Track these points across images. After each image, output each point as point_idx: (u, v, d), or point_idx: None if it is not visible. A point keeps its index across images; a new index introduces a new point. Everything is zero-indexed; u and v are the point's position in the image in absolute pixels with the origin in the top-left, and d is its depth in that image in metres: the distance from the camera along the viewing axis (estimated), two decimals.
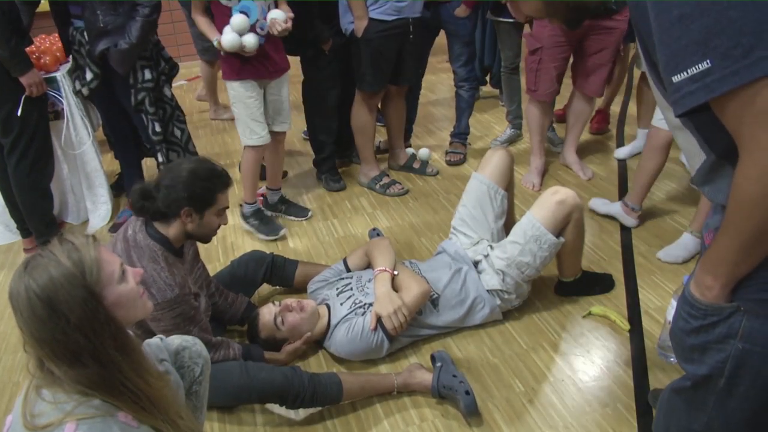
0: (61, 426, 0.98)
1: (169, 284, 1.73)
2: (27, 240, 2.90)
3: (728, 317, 0.95)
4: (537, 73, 3.04)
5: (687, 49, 0.79)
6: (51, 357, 1.00)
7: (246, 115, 2.67)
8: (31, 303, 0.98)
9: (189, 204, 1.75)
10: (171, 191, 1.73)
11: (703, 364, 1.01)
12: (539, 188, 3.24)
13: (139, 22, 2.52)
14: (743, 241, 0.87)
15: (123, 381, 1.04)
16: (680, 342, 1.05)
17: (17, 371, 2.15)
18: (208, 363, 1.45)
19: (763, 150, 0.78)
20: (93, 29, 2.56)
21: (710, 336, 0.98)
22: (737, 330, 0.94)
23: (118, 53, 2.56)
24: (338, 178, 3.39)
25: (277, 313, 2.02)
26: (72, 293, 0.99)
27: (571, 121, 3.32)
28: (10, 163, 2.64)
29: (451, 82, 3.75)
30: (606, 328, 2.19)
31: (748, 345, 0.94)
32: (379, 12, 2.85)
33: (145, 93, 2.69)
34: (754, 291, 0.92)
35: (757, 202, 0.82)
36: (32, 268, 1.00)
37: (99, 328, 1.02)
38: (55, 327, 0.98)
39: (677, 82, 0.81)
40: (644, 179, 2.70)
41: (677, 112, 0.85)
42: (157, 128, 2.77)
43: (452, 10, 3.22)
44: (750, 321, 0.93)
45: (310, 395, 1.79)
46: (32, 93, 2.52)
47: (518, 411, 1.85)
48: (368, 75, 3.02)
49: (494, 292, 2.15)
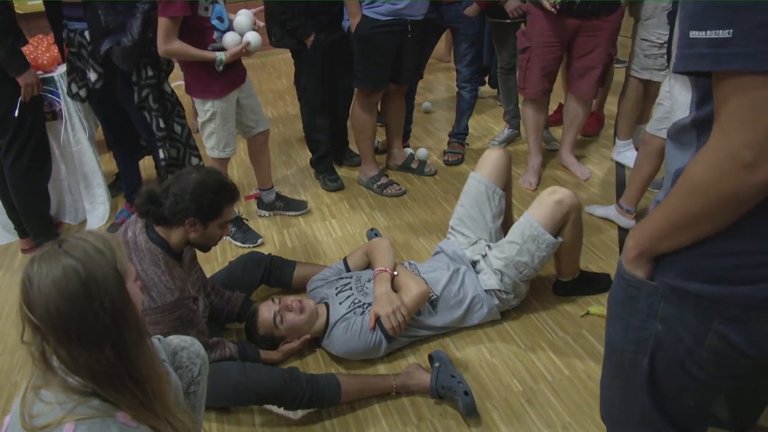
0: (60, 426, 0.97)
1: (170, 288, 1.73)
2: (24, 240, 2.90)
3: (648, 296, 0.95)
4: (525, 71, 3.08)
5: (716, 10, 0.75)
6: (69, 338, 0.98)
7: (224, 129, 2.62)
8: (67, 278, 0.97)
9: (195, 215, 1.75)
10: (178, 200, 1.73)
11: (628, 340, 1.03)
12: (536, 187, 3.25)
13: (139, 18, 2.50)
14: (673, 219, 0.87)
15: (131, 374, 1.04)
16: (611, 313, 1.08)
17: (15, 372, 2.15)
18: (206, 363, 1.45)
19: (728, 141, 0.77)
20: (96, 29, 2.55)
21: (634, 311, 0.99)
22: (656, 310, 0.95)
23: (121, 51, 2.55)
24: (335, 177, 3.38)
25: (277, 312, 2.02)
26: (108, 275, 1.00)
27: (566, 123, 3.33)
28: (6, 163, 2.64)
29: (449, 83, 3.76)
30: (604, 328, 2.19)
31: (665, 327, 0.95)
32: (374, 11, 2.85)
33: (148, 90, 2.68)
34: (671, 276, 0.92)
35: (701, 189, 0.81)
36: (70, 246, 1.00)
37: (128, 315, 1.03)
38: (87, 306, 0.98)
39: (693, 37, 0.78)
40: (638, 183, 2.70)
41: (678, 68, 0.82)
42: (161, 124, 2.76)
43: (461, 9, 3.23)
44: (667, 305, 0.94)
45: (308, 397, 1.79)
46: (29, 93, 2.51)
47: (516, 411, 1.85)
48: (360, 71, 3.03)
49: (492, 292, 2.16)
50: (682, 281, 0.91)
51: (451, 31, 3.42)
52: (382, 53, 2.96)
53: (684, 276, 0.90)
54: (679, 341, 0.94)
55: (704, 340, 0.91)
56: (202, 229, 1.79)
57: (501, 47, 3.58)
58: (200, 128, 2.66)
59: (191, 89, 2.58)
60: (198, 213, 1.75)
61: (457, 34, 3.38)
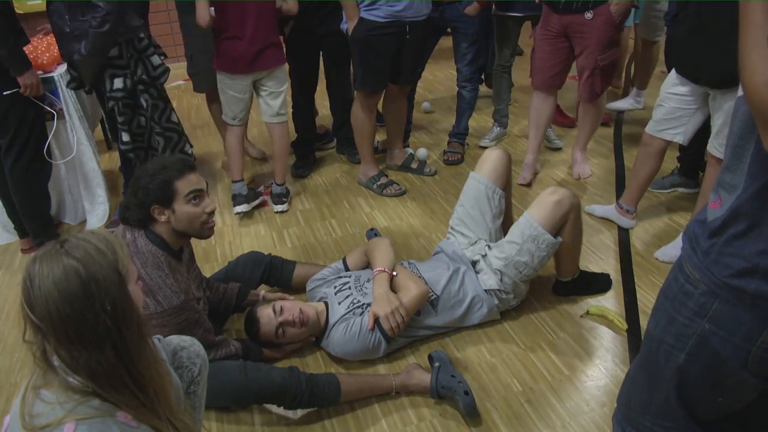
0: (60, 426, 0.97)
1: (175, 291, 1.73)
2: (24, 240, 2.90)
3: (702, 294, 0.97)
4: (532, 61, 3.20)
5: None
6: (69, 338, 0.98)
7: None
8: (68, 279, 0.97)
9: (153, 202, 1.73)
10: (134, 197, 1.74)
11: (668, 333, 1.04)
12: (529, 182, 3.27)
13: (90, 34, 2.40)
14: None
15: (131, 374, 1.04)
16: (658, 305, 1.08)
17: (15, 372, 2.15)
18: (206, 363, 1.45)
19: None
20: (61, 34, 2.50)
21: (683, 307, 1.00)
22: (707, 311, 0.96)
23: (76, 63, 2.52)
24: (304, 164, 3.53)
25: (278, 326, 2.00)
26: (109, 276, 1.01)
27: (579, 121, 3.40)
28: (7, 163, 2.63)
29: (449, 83, 3.76)
30: (604, 328, 2.20)
31: (714, 327, 0.96)
32: (371, 13, 2.84)
33: (113, 102, 2.60)
34: (728, 275, 0.93)
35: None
36: (71, 247, 1.01)
37: (129, 316, 1.03)
38: (87, 307, 0.98)
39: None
40: (639, 183, 2.71)
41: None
42: (124, 138, 2.69)
43: (462, 8, 3.23)
44: (721, 305, 0.95)
45: (308, 396, 1.79)
46: (29, 94, 2.51)
47: (516, 411, 1.85)
48: (359, 74, 3.04)
49: (492, 292, 2.16)
50: (740, 280, 0.91)
51: (452, 31, 3.42)
52: (380, 56, 2.95)
53: (742, 275, 0.91)
54: (727, 340, 0.95)
55: (757, 339, 0.93)
56: (171, 213, 1.75)
57: (503, 44, 3.57)
58: None
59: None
60: (155, 199, 1.73)
61: (458, 34, 3.38)
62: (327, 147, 3.87)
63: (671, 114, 2.47)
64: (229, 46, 2.79)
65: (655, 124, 2.54)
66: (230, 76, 2.87)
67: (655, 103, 2.56)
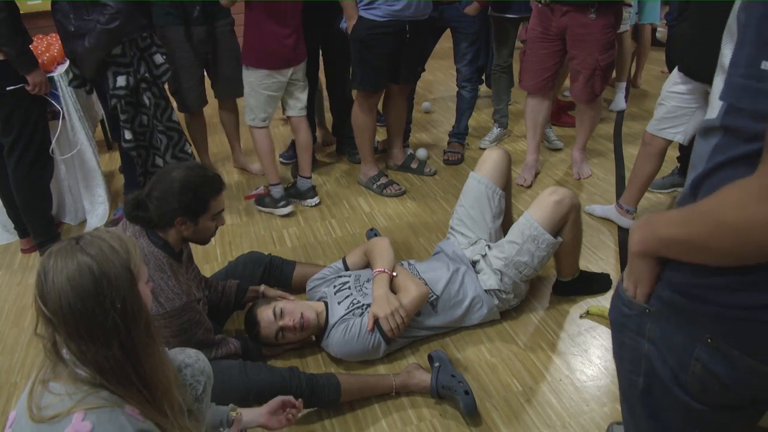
0: (69, 416, 0.98)
1: (177, 293, 1.73)
2: (24, 240, 2.90)
3: (637, 315, 0.90)
4: (522, 63, 3.16)
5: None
6: (79, 333, 1.00)
7: None
8: (81, 275, 0.99)
9: (183, 214, 1.74)
10: (162, 203, 1.72)
11: (624, 360, 0.96)
12: (530, 184, 3.26)
13: (96, 29, 2.44)
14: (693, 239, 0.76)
15: (138, 372, 1.05)
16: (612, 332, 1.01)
17: (15, 372, 2.15)
18: (210, 379, 1.44)
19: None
20: (65, 32, 2.51)
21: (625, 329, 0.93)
22: (645, 330, 0.89)
23: (78, 57, 2.53)
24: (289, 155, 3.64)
25: (278, 329, 2.00)
26: (121, 275, 1.02)
27: (577, 122, 3.39)
28: (10, 162, 2.64)
29: (449, 83, 3.76)
30: (604, 328, 2.20)
31: (654, 348, 0.89)
32: (370, 12, 2.84)
33: (116, 100, 2.62)
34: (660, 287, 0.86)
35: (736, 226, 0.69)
36: (86, 243, 1.03)
37: (138, 315, 1.05)
38: (98, 304, 1.00)
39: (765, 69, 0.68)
40: (639, 183, 2.71)
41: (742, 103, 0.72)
42: (127, 136, 2.70)
43: (461, 8, 3.23)
44: (654, 323, 0.88)
45: (308, 396, 1.79)
46: (37, 91, 2.51)
47: (516, 411, 1.85)
48: (358, 74, 3.03)
49: (492, 292, 2.16)
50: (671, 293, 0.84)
51: (451, 31, 3.42)
52: (379, 55, 2.95)
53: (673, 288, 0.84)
54: (664, 361, 0.88)
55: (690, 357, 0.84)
56: (193, 226, 1.78)
57: (501, 45, 3.58)
58: None
59: None
60: (186, 212, 1.74)
61: (457, 34, 3.38)
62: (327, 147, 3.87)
63: (672, 113, 2.47)
64: (275, 41, 2.76)
65: (656, 122, 2.55)
66: (271, 74, 2.83)
67: (656, 102, 2.57)
